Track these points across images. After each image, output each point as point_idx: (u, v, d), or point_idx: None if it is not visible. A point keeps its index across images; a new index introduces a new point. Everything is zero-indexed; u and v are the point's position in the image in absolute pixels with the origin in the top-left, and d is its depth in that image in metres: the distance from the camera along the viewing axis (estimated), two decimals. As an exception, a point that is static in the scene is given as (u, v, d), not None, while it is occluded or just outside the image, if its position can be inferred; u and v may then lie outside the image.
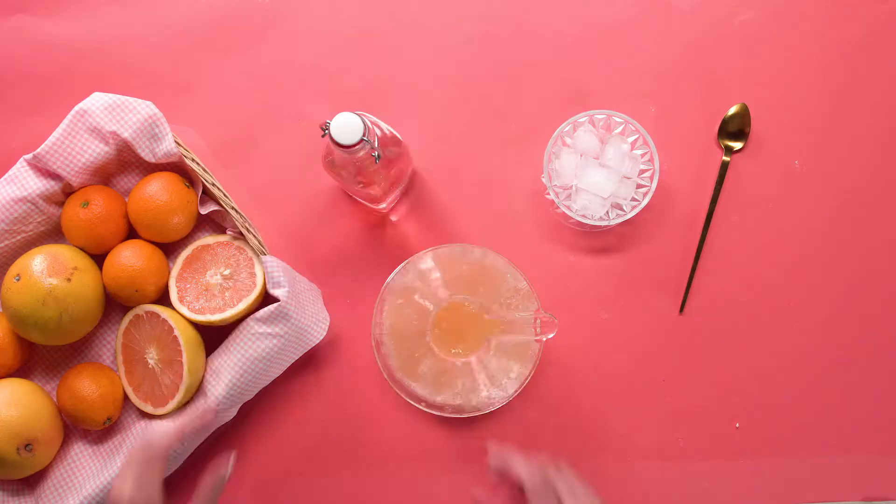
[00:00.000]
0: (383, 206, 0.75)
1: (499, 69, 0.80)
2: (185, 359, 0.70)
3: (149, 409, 0.72)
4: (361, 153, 0.62)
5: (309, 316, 0.73)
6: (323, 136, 0.61)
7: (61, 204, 0.75)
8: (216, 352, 0.74)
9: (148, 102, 0.73)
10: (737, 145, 0.78)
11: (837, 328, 0.77)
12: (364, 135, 0.60)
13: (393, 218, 0.79)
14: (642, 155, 0.75)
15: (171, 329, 0.71)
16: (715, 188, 0.78)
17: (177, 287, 0.74)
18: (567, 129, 0.75)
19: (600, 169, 0.74)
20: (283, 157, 0.79)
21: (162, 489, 0.58)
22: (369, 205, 0.74)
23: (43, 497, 0.72)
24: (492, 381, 0.73)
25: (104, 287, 0.73)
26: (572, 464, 0.76)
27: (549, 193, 0.74)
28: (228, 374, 0.71)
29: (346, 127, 0.60)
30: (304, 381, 0.77)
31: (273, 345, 0.70)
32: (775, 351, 0.77)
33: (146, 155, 0.73)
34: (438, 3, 0.80)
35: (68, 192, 0.74)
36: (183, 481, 0.74)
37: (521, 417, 0.76)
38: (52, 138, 0.72)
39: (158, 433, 0.61)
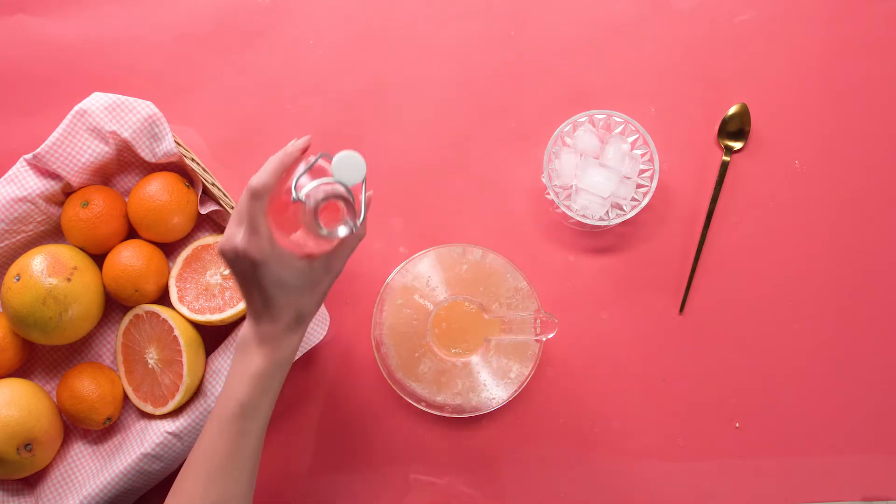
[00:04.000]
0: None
1: (499, 69, 0.80)
2: (185, 359, 0.70)
3: (149, 409, 0.72)
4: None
5: (309, 316, 0.73)
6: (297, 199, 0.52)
7: (61, 204, 0.75)
8: (216, 352, 0.74)
9: (148, 102, 0.73)
10: (737, 145, 0.78)
11: (837, 328, 0.77)
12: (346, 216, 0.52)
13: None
14: (642, 155, 0.75)
15: (171, 329, 0.71)
16: (715, 188, 0.78)
17: (177, 287, 0.74)
18: (567, 129, 0.75)
19: (600, 169, 0.74)
20: (283, 157, 0.79)
21: (271, 233, 0.54)
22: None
23: (43, 497, 0.72)
24: (492, 381, 0.73)
25: (104, 287, 0.73)
26: (572, 464, 0.76)
27: (549, 193, 0.74)
28: (228, 374, 0.70)
29: (349, 165, 0.52)
30: (305, 381, 0.77)
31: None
32: (775, 351, 0.77)
33: (146, 155, 0.73)
34: (438, 2, 0.80)
35: (68, 192, 0.74)
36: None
37: (521, 417, 0.76)
38: (52, 138, 0.72)
39: (255, 178, 0.55)
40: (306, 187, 0.52)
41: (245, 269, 0.55)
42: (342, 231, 0.52)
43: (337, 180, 0.52)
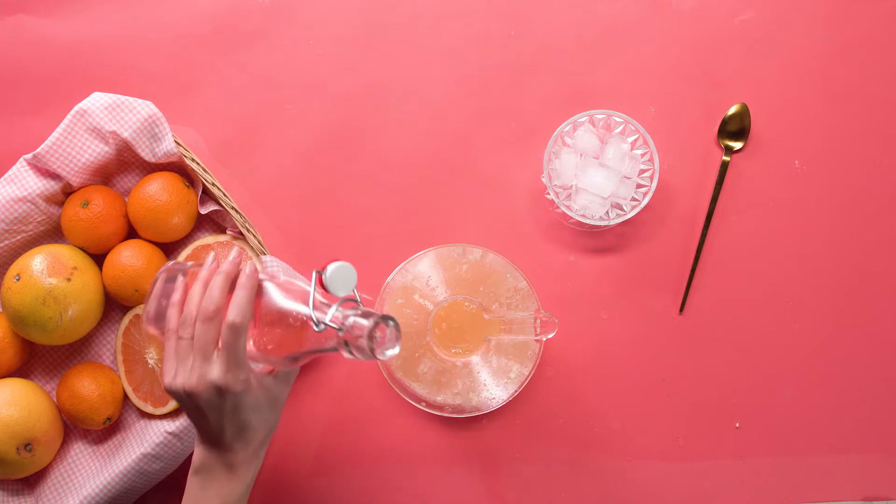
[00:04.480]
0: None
1: (499, 69, 0.80)
2: (185, 359, 0.70)
3: (149, 408, 0.72)
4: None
5: (309, 316, 0.73)
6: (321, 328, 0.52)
7: (61, 204, 0.75)
8: (216, 352, 0.74)
9: (148, 102, 0.73)
10: (737, 145, 0.78)
11: (837, 328, 0.77)
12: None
13: None
14: (642, 155, 0.75)
15: (171, 329, 0.71)
16: (715, 188, 0.78)
17: (177, 287, 0.74)
18: (567, 128, 0.75)
19: (600, 169, 0.74)
20: (283, 157, 0.79)
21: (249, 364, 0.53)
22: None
23: (43, 497, 0.72)
24: (491, 381, 0.73)
25: (104, 287, 0.73)
26: (572, 464, 0.76)
27: (549, 193, 0.74)
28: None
29: (343, 276, 0.53)
30: (305, 382, 0.77)
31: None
32: (775, 351, 0.77)
33: (146, 155, 0.73)
34: (438, 2, 0.80)
35: (68, 191, 0.74)
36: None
37: (520, 417, 0.76)
38: (52, 138, 0.72)
39: (234, 313, 0.52)
40: (329, 314, 0.52)
41: (223, 404, 0.53)
42: (391, 352, 0.52)
43: (344, 298, 0.54)
